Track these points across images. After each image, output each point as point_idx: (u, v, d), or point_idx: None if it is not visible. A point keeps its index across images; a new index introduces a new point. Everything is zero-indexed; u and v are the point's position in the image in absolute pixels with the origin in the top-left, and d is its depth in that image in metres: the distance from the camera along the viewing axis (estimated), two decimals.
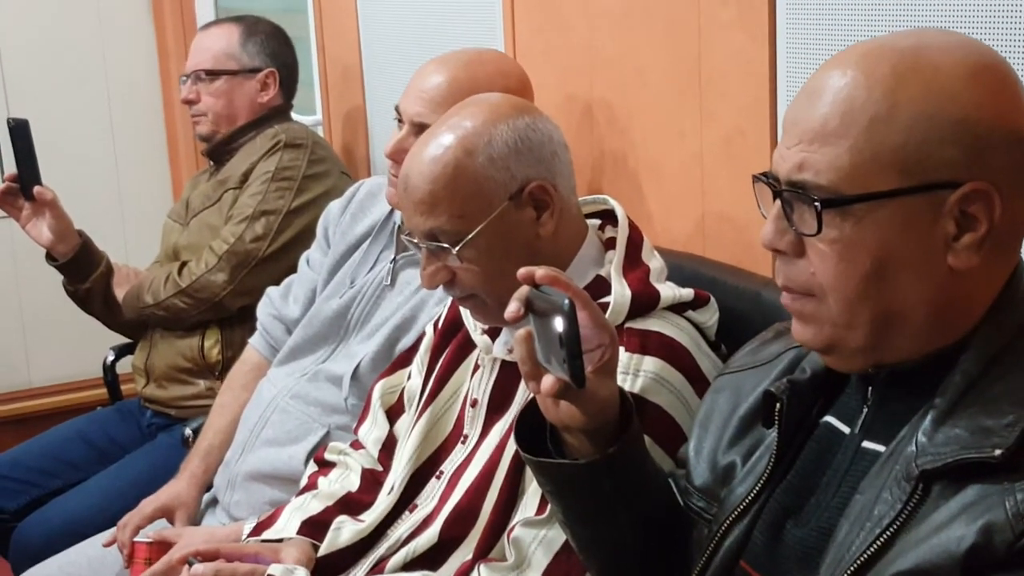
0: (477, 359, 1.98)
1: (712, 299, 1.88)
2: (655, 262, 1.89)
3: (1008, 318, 1.26)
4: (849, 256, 1.25)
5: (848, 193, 1.24)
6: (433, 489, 1.95)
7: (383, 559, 1.92)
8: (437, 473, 1.96)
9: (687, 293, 1.84)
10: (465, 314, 2.00)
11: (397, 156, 2.26)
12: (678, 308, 1.83)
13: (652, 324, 1.79)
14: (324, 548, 2.00)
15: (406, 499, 1.99)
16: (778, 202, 1.30)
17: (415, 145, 1.90)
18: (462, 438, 1.95)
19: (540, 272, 1.42)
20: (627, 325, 1.78)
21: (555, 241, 1.87)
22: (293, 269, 2.79)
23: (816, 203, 1.24)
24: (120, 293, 3.17)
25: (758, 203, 1.36)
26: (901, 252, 1.24)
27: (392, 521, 1.98)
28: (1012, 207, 1.24)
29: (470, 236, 1.81)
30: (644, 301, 1.80)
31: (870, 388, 1.34)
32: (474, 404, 1.94)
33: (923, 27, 1.36)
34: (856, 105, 1.24)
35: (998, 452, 1.15)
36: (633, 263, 1.86)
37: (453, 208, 1.80)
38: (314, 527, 2.04)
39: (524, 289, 1.43)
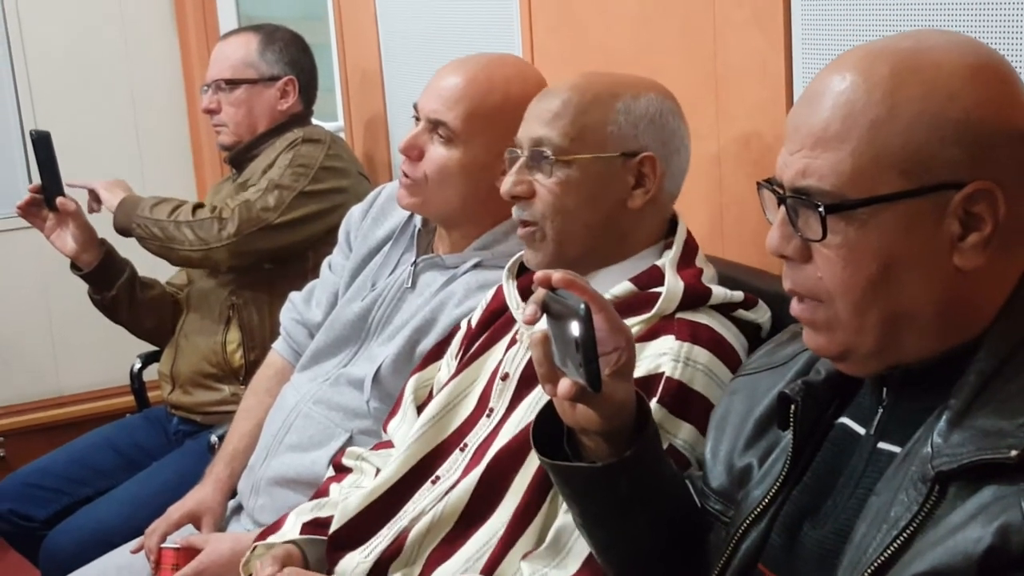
0: (515, 334, 1.98)
1: (761, 301, 1.90)
2: (708, 269, 1.92)
3: (1021, 316, 1.26)
4: (855, 260, 1.25)
5: (852, 197, 1.24)
6: (456, 461, 1.95)
7: (405, 530, 1.91)
8: (461, 445, 1.97)
9: (737, 294, 1.86)
10: (509, 294, 2.01)
11: (409, 151, 2.28)
12: (726, 309, 1.85)
13: (702, 318, 1.82)
14: (336, 522, 2.00)
15: (427, 470, 1.99)
16: (783, 208, 1.30)
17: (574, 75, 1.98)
18: (487, 411, 1.95)
19: (557, 275, 1.42)
20: (678, 315, 1.81)
21: (635, 221, 1.91)
22: (293, 248, 2.90)
23: (820, 209, 1.24)
24: None
25: (763, 209, 1.36)
26: (907, 254, 1.24)
27: (412, 493, 1.98)
28: (1017, 205, 1.24)
29: (571, 157, 1.86)
30: (695, 295, 1.83)
31: (885, 389, 1.33)
32: (504, 378, 1.95)
33: (922, 28, 1.35)
34: (856, 108, 1.24)
35: (1014, 453, 1.14)
36: (687, 263, 1.89)
37: (571, 128, 1.87)
38: (318, 527, 2.05)
39: (540, 292, 1.44)
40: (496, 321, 2.06)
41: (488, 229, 2.31)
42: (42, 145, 3.02)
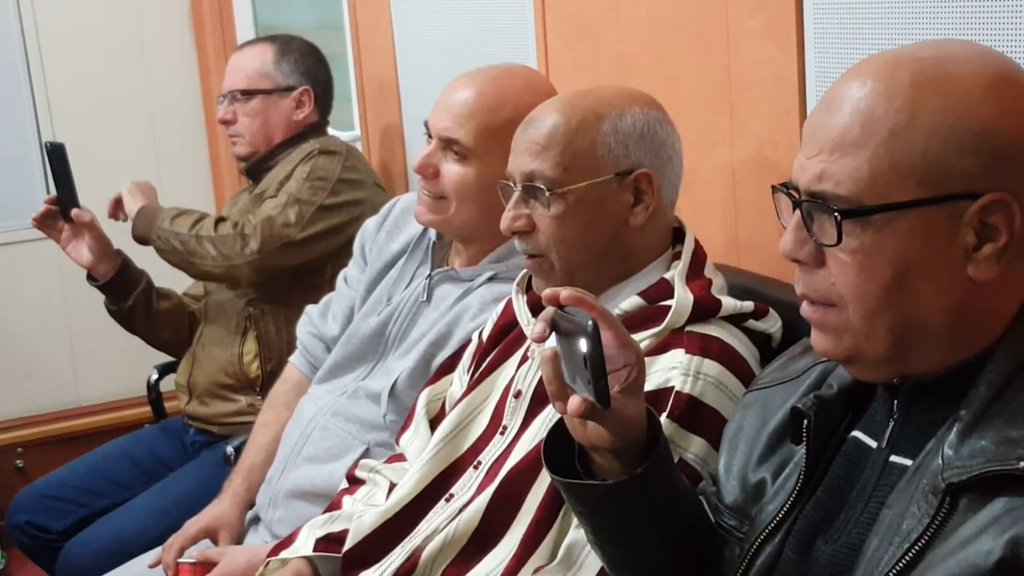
0: (527, 351, 1.98)
1: (772, 310, 1.89)
2: (718, 279, 1.91)
3: None
4: (869, 266, 1.24)
5: (868, 203, 1.23)
6: (470, 479, 1.95)
7: (419, 549, 1.91)
8: (475, 463, 1.96)
9: (747, 305, 1.85)
10: (519, 309, 2.00)
11: (424, 170, 2.27)
12: (737, 319, 1.84)
13: (712, 330, 1.80)
14: (350, 540, 2.00)
15: (441, 489, 1.98)
16: (798, 212, 1.30)
17: (554, 97, 1.97)
18: (501, 429, 1.95)
19: (565, 293, 1.42)
20: (687, 328, 1.80)
21: (640, 237, 1.90)
22: (315, 263, 2.88)
23: (836, 213, 1.24)
24: None
25: (778, 213, 1.35)
26: (921, 262, 1.23)
27: (426, 511, 1.97)
28: None
29: (567, 189, 1.84)
30: (705, 307, 1.82)
31: (896, 401, 1.33)
32: (517, 395, 1.94)
33: (943, 38, 1.35)
34: (875, 116, 1.24)
35: (1023, 464, 1.14)
36: (696, 275, 1.88)
37: (562, 158, 1.85)
38: (331, 543, 2.05)
39: (549, 310, 1.43)
40: (507, 336, 2.05)
41: (498, 242, 2.29)
42: (57, 156, 3.03)
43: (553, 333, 1.43)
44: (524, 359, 1.98)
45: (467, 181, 2.24)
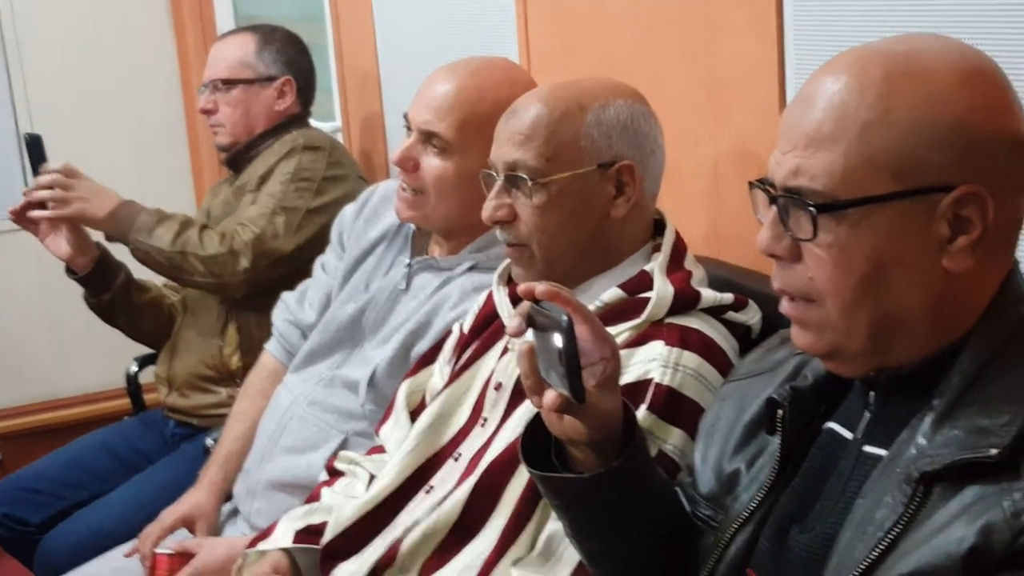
0: (507, 343, 1.98)
1: (751, 302, 1.89)
2: (698, 271, 1.91)
3: (1004, 318, 1.26)
4: (845, 260, 1.25)
5: (843, 198, 1.24)
6: (450, 471, 1.95)
7: (398, 540, 1.91)
8: (455, 456, 1.96)
9: (727, 296, 1.86)
10: (500, 301, 2.00)
11: (404, 163, 2.27)
12: (717, 311, 1.85)
13: (692, 322, 1.81)
14: (329, 532, 2.00)
15: (421, 481, 1.98)
16: (774, 208, 1.30)
17: (537, 88, 1.97)
18: (481, 421, 1.95)
19: (541, 288, 1.42)
20: (667, 320, 1.80)
21: (620, 230, 1.90)
22: (308, 269, 2.79)
23: (811, 208, 1.24)
24: None
25: (755, 209, 1.36)
26: (896, 255, 1.24)
27: (405, 503, 1.97)
28: (1005, 209, 1.25)
29: (549, 179, 1.84)
30: (685, 299, 1.82)
31: (872, 393, 1.33)
32: (497, 387, 1.94)
33: (917, 32, 1.35)
34: (849, 110, 1.24)
35: (994, 452, 1.15)
36: (677, 267, 1.88)
37: (545, 148, 1.85)
38: (310, 535, 2.04)
39: (525, 305, 1.43)
40: (488, 328, 2.05)
41: (485, 231, 2.28)
42: (34, 148, 3.01)
43: (530, 328, 1.42)
44: (504, 351, 1.98)
45: (447, 175, 2.24)
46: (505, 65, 2.35)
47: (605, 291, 1.85)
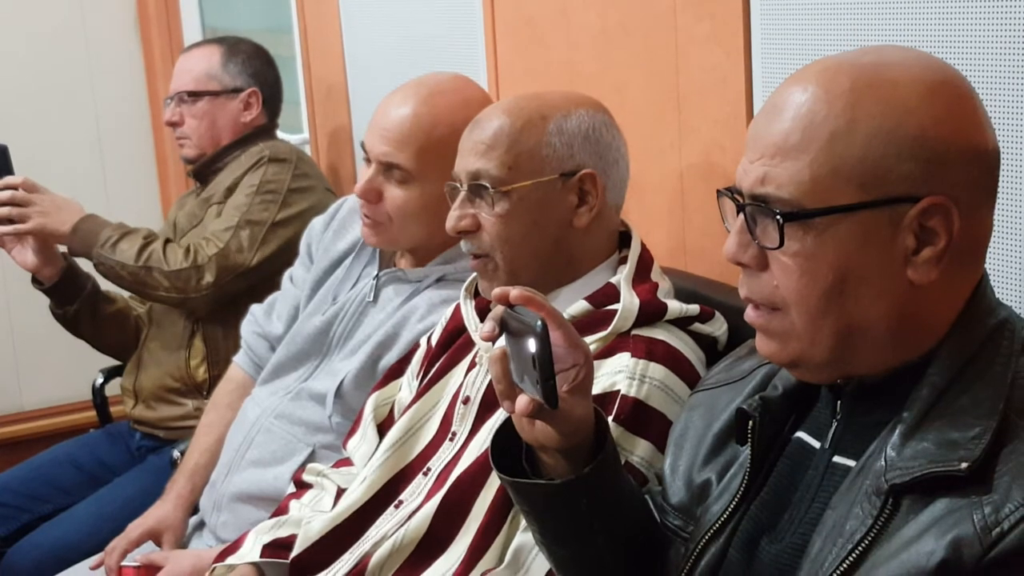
0: (475, 357, 1.98)
1: (717, 313, 1.90)
2: (664, 283, 1.92)
3: (972, 330, 1.27)
4: (811, 269, 1.26)
5: (809, 207, 1.25)
6: (419, 486, 1.95)
7: (367, 555, 1.90)
8: (424, 470, 1.96)
9: (693, 308, 1.86)
10: (467, 314, 2.00)
11: (367, 195, 2.28)
12: (683, 323, 1.85)
13: (658, 333, 1.81)
14: (298, 546, 1.99)
15: (390, 495, 1.98)
16: (741, 216, 1.31)
17: (500, 100, 1.98)
18: (450, 435, 1.95)
19: (515, 292, 1.42)
20: (634, 332, 1.80)
21: (584, 239, 1.91)
22: (273, 282, 2.79)
23: (778, 216, 1.25)
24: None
25: (723, 217, 1.37)
26: (862, 266, 1.25)
27: (375, 517, 1.97)
28: (971, 221, 1.25)
29: (511, 187, 1.85)
30: (651, 311, 1.82)
31: (839, 402, 1.34)
32: (466, 401, 1.94)
33: (884, 44, 1.37)
34: (816, 120, 1.25)
35: (964, 465, 1.16)
36: (643, 279, 1.89)
37: (507, 157, 1.86)
38: (278, 549, 2.04)
39: (499, 309, 1.43)
40: (455, 341, 2.05)
41: (452, 244, 2.28)
42: (0, 159, 2.99)
43: (503, 332, 1.43)
44: (472, 365, 1.98)
45: (410, 203, 2.26)
46: (457, 85, 2.33)
47: (571, 302, 1.85)
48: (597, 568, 1.55)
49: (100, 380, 3.43)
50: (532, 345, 1.35)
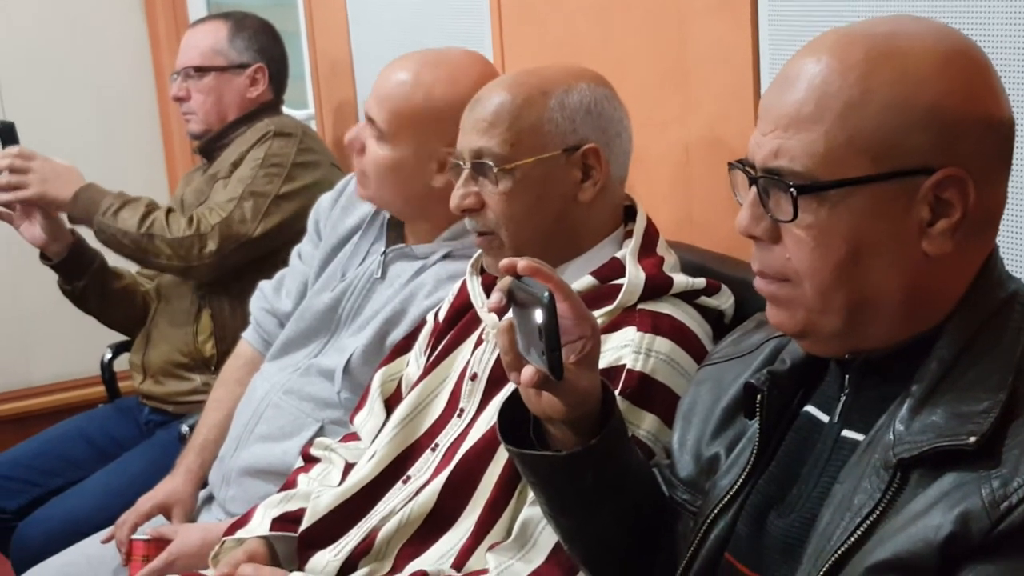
0: (482, 334, 1.98)
1: (724, 286, 1.90)
2: (670, 256, 1.92)
3: (982, 304, 1.27)
4: (824, 242, 1.25)
5: (823, 179, 1.24)
6: (427, 461, 1.95)
7: (375, 529, 1.91)
8: (432, 446, 1.96)
9: (699, 281, 1.86)
10: (473, 291, 2.01)
11: (351, 145, 2.35)
12: (689, 296, 1.85)
13: (664, 307, 1.81)
14: (306, 520, 2.00)
15: (398, 471, 1.98)
16: (754, 189, 1.30)
17: (501, 76, 2.00)
18: (458, 411, 1.95)
19: (522, 263, 1.42)
20: (640, 306, 1.80)
21: (588, 214, 1.90)
22: (276, 254, 2.82)
23: (792, 189, 1.24)
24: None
25: (734, 190, 1.36)
26: (876, 238, 1.24)
27: (383, 492, 1.97)
28: (986, 193, 1.25)
29: (514, 164, 1.85)
30: (657, 285, 1.82)
31: (847, 376, 1.34)
32: (473, 378, 1.95)
33: (897, 14, 1.36)
34: (830, 91, 1.24)
35: (972, 439, 1.16)
36: (648, 252, 1.89)
37: (509, 134, 1.86)
38: (287, 523, 2.05)
39: (507, 280, 1.43)
40: (462, 318, 2.05)
41: (446, 221, 2.30)
42: (7, 135, 3.00)
43: (510, 304, 1.43)
44: (479, 342, 1.98)
45: (380, 161, 2.29)
46: (455, 60, 2.32)
47: (576, 278, 1.85)
48: (604, 540, 1.56)
49: (108, 355, 3.43)
50: (539, 316, 1.35)
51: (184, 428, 2.82)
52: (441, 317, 2.13)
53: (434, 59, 2.30)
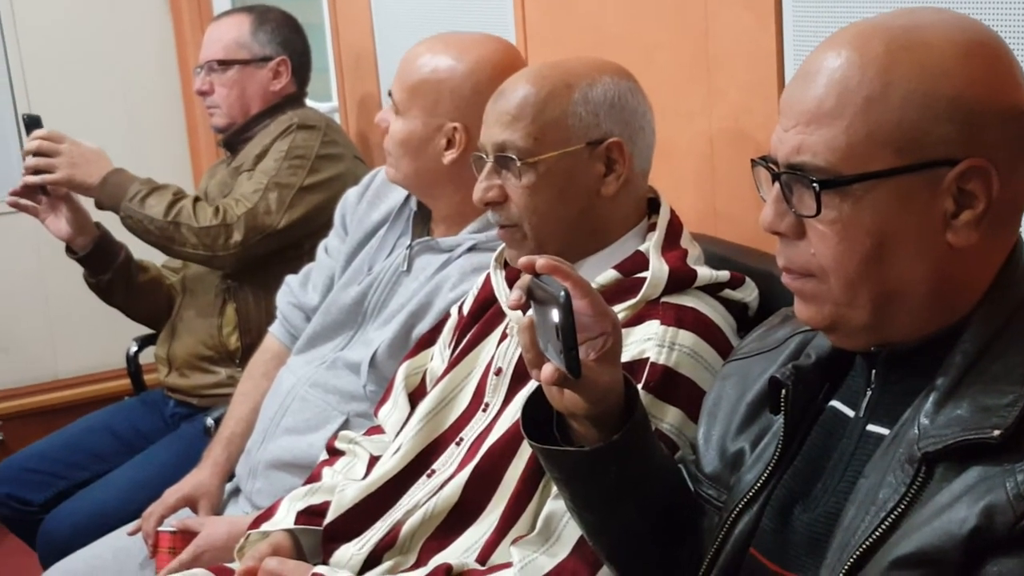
0: (506, 328, 1.98)
1: (748, 279, 1.89)
2: (694, 249, 1.91)
3: (1007, 296, 1.26)
4: (849, 236, 1.25)
5: (846, 173, 1.24)
6: (452, 455, 1.95)
7: (399, 523, 1.92)
8: (457, 440, 1.97)
9: (723, 274, 1.86)
10: (497, 284, 2.01)
11: (382, 121, 2.40)
12: (713, 289, 1.85)
13: (688, 300, 1.81)
14: (331, 513, 2.00)
15: (423, 465, 1.99)
16: (777, 185, 1.30)
17: (524, 68, 2.01)
18: (483, 406, 1.95)
19: (541, 261, 1.42)
20: (663, 300, 1.80)
21: (612, 207, 1.90)
22: (299, 246, 2.85)
23: (815, 184, 1.24)
24: None
25: (757, 187, 1.36)
26: (900, 231, 1.24)
27: (407, 486, 1.98)
28: (1010, 183, 1.24)
29: (538, 158, 1.85)
30: (681, 278, 1.82)
31: (873, 371, 1.33)
32: (498, 372, 1.95)
33: (917, 6, 1.35)
34: (851, 85, 1.24)
35: (997, 433, 1.16)
36: (672, 245, 1.88)
37: (532, 127, 1.86)
38: (312, 516, 2.05)
39: (526, 278, 1.44)
40: (487, 312, 2.05)
41: (457, 203, 2.32)
42: (34, 128, 3.01)
43: (530, 301, 1.43)
44: (504, 336, 1.98)
45: (395, 135, 2.34)
46: (467, 39, 2.35)
47: (599, 271, 1.85)
48: (627, 535, 1.56)
49: (134, 348, 3.45)
50: (556, 315, 1.35)
51: (209, 421, 2.83)
52: (465, 311, 2.13)
53: (451, 38, 2.35)
